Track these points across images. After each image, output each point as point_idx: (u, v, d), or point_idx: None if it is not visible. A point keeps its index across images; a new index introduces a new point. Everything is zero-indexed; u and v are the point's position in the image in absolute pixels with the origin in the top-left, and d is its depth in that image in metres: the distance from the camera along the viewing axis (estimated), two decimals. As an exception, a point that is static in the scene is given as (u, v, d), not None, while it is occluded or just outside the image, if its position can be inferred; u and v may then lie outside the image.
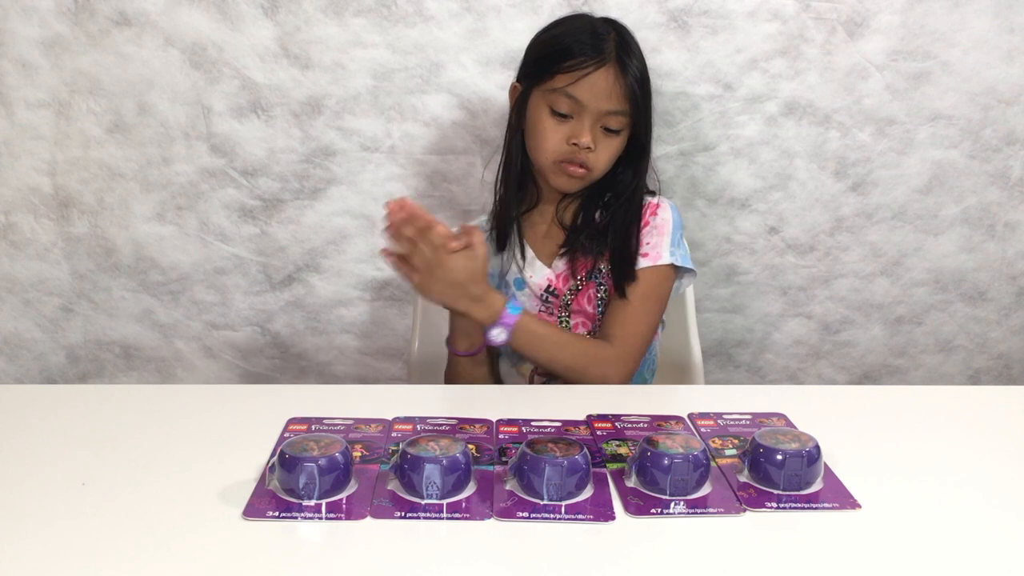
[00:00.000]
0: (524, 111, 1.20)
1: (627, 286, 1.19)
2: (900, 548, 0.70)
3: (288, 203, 1.52)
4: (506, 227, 1.25)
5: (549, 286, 1.24)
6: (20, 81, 1.44)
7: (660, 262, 1.20)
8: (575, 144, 1.15)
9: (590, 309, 1.24)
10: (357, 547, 0.70)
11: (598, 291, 1.24)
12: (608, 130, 1.17)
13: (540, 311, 1.24)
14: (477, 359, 1.18)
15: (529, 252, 1.26)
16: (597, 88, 1.14)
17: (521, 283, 1.25)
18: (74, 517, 0.73)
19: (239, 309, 1.57)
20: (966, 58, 1.48)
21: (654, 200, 1.25)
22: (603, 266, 1.23)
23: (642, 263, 1.20)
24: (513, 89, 1.24)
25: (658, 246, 1.21)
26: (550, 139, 1.17)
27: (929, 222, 1.57)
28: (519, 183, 1.24)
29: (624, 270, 1.20)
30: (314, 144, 1.49)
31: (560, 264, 1.25)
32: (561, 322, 1.24)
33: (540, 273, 1.25)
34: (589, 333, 1.24)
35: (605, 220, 1.23)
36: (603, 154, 1.18)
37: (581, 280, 1.24)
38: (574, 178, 1.18)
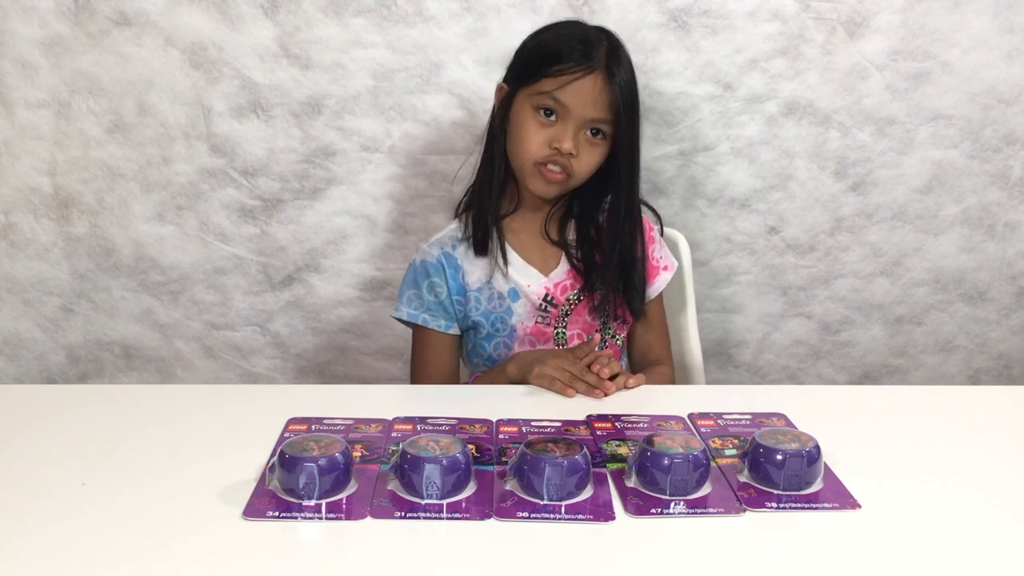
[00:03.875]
0: (508, 112, 1.19)
1: (649, 305, 1.28)
2: (900, 548, 0.70)
3: (288, 203, 1.52)
4: (486, 232, 1.22)
5: (547, 295, 1.23)
6: (20, 81, 1.44)
7: (674, 268, 1.31)
8: (556, 148, 1.14)
9: (589, 319, 1.25)
10: (357, 547, 0.70)
11: (602, 302, 1.24)
12: (591, 138, 1.16)
13: (536, 322, 1.23)
14: None
15: (519, 260, 1.24)
16: (583, 95, 1.13)
17: (516, 293, 1.23)
18: (74, 517, 0.73)
19: (239, 309, 1.57)
20: (966, 58, 1.48)
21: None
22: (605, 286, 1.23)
23: (666, 276, 1.29)
24: (499, 89, 1.22)
25: (667, 256, 1.30)
26: (532, 141, 1.15)
27: (929, 222, 1.57)
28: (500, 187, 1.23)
29: (639, 294, 1.24)
30: (314, 144, 1.48)
31: (559, 274, 1.24)
32: (558, 333, 1.24)
33: (537, 282, 1.23)
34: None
35: (609, 236, 1.22)
36: (585, 161, 1.16)
37: (582, 291, 1.23)
38: (551, 182, 1.17)
